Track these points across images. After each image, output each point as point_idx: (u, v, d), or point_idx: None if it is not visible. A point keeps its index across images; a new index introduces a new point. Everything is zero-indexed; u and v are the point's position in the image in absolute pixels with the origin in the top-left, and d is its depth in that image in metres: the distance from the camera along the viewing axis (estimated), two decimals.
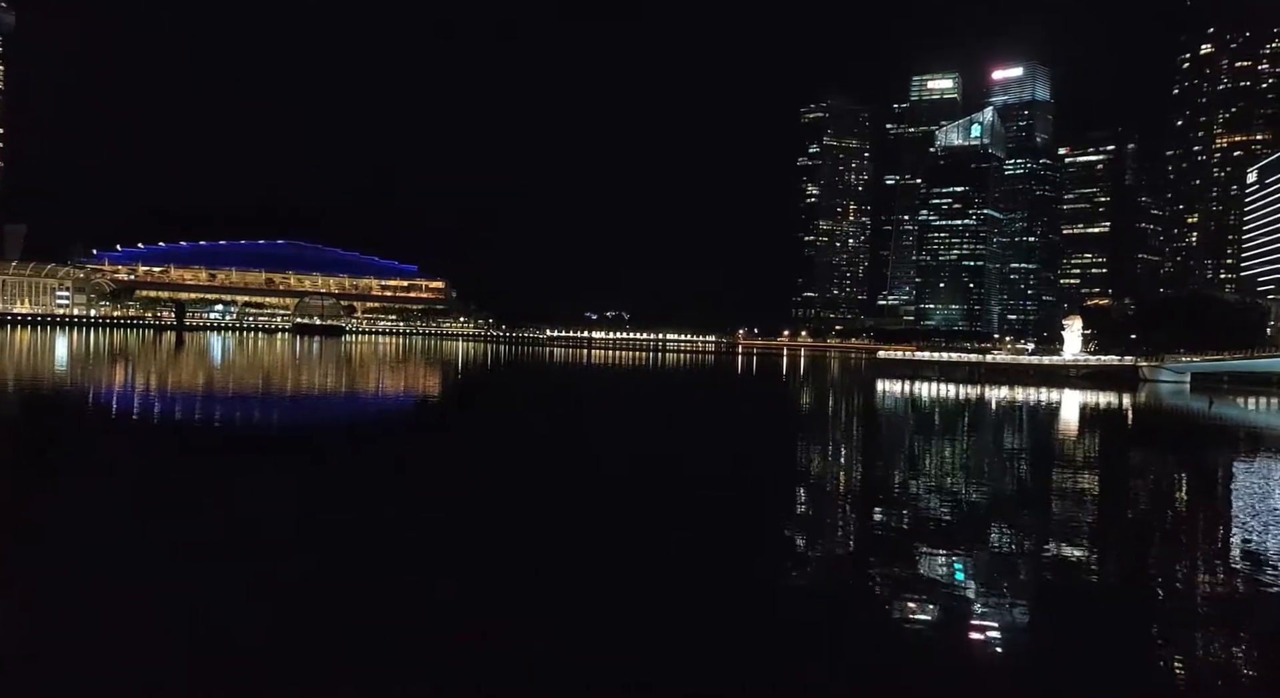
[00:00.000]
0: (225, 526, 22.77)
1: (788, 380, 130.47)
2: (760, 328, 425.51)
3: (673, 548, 22.37)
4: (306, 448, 38.58)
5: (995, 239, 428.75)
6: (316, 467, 33.65)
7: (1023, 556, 23.68)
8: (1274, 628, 18.05)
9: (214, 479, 29.70)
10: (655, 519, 25.83)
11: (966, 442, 54.14)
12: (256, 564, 19.20)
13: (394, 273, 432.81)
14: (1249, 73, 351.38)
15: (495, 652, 14.92)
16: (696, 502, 28.80)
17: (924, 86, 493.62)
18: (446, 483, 30.87)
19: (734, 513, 27.53)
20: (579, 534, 23.65)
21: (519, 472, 34.05)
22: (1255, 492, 36.00)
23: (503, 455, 38.70)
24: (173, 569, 18.82)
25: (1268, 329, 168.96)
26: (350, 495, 27.74)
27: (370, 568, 19.59)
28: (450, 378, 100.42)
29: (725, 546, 23.10)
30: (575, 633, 16.00)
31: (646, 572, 20.15)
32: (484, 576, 19.37)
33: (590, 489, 30.57)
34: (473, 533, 23.42)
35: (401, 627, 15.82)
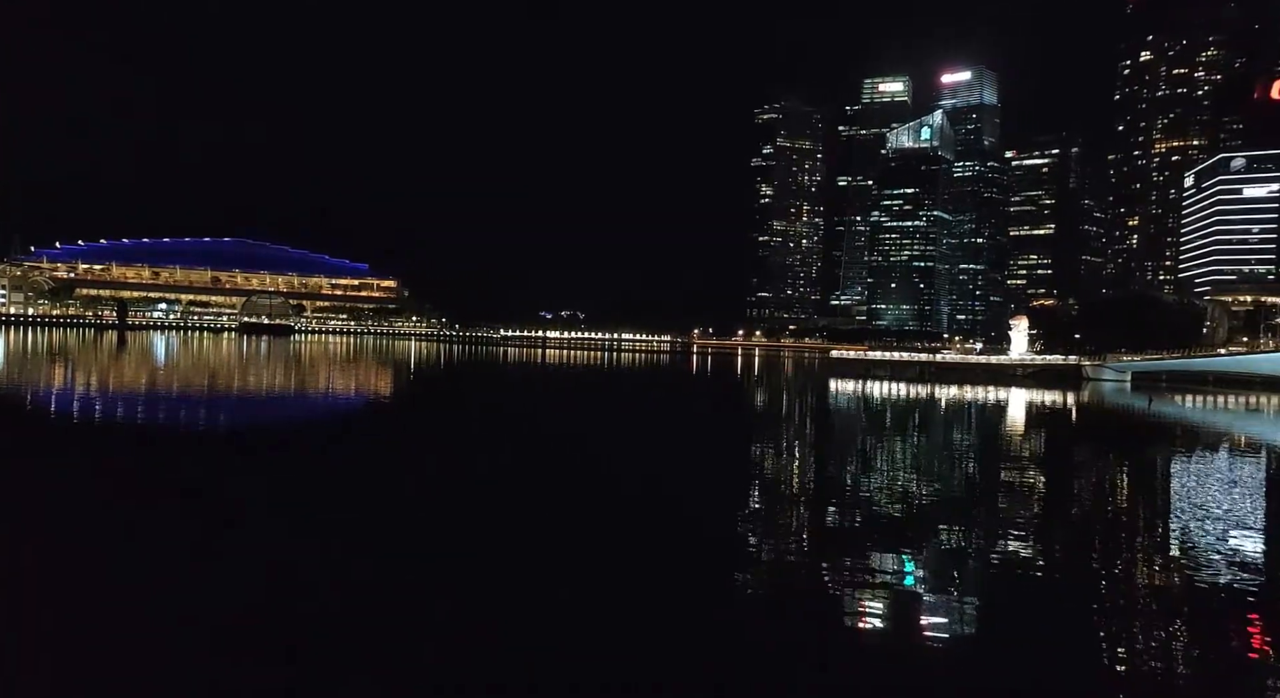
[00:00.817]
0: (120, 530, 22.17)
1: (742, 380, 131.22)
2: (715, 328, 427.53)
3: (617, 548, 22.27)
4: (237, 449, 37.74)
5: (945, 240, 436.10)
6: (244, 470, 32.91)
7: (970, 549, 24.05)
8: (1206, 616, 18.56)
9: (133, 481, 28.91)
10: (604, 523, 25.70)
11: (916, 440, 54.89)
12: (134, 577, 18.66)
13: (345, 272, 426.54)
14: (1186, 80, 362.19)
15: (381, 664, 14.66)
16: (643, 501, 28.74)
17: (875, 89, 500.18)
18: (375, 487, 30.39)
19: (684, 512, 27.53)
20: (520, 537, 23.43)
21: (451, 474, 33.66)
22: (1191, 487, 37.04)
23: (437, 458, 38.24)
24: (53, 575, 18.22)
25: (1204, 329, 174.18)
26: (279, 500, 27.16)
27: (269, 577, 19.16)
28: (399, 378, 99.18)
29: (673, 545, 23.07)
30: (519, 637, 15.82)
31: (592, 571, 20.03)
32: (372, 582, 19.06)
33: (534, 491, 30.34)
34: (375, 539, 23.07)
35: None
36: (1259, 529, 28.62)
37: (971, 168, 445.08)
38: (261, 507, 25.74)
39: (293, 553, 20.79)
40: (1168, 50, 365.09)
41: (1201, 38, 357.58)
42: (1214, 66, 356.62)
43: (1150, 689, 14.82)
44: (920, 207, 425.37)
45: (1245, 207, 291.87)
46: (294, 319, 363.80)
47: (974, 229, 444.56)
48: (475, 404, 70.45)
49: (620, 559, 21.28)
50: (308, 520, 24.18)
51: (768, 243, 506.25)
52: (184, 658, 14.39)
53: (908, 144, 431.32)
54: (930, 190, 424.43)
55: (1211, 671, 15.86)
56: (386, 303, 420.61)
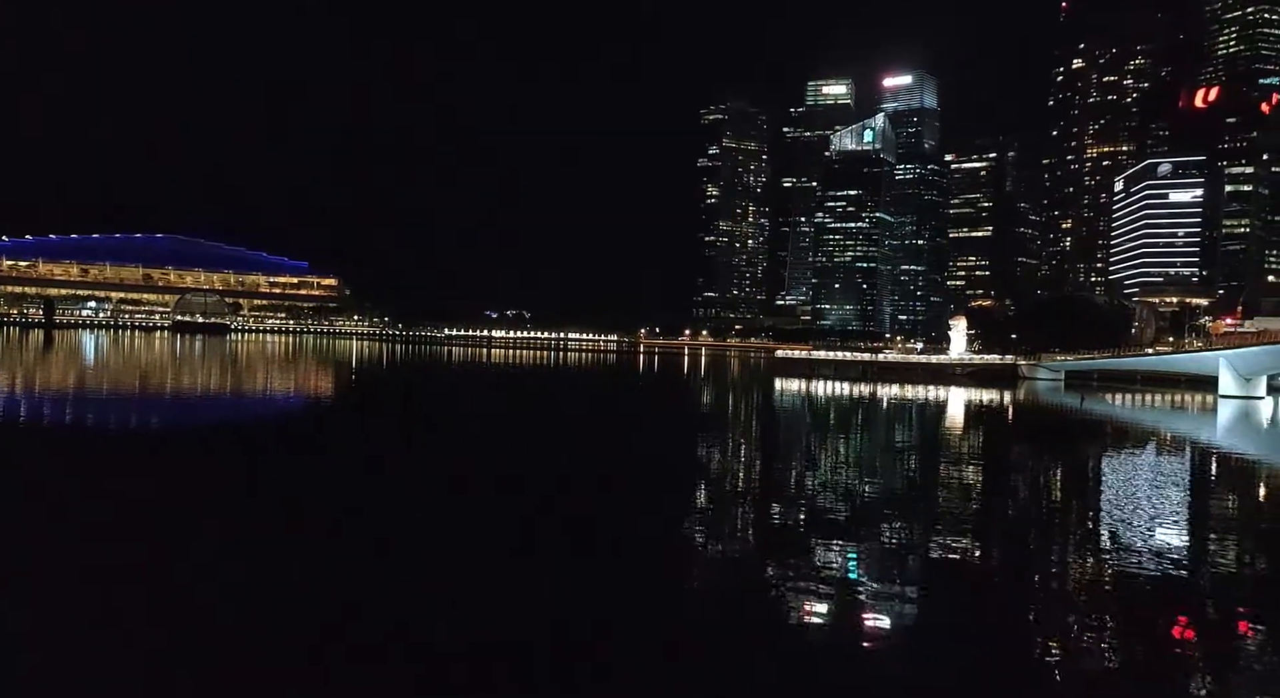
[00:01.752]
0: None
1: (689, 380, 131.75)
2: (662, 327, 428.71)
3: (557, 549, 22.10)
4: (154, 451, 36.61)
5: (887, 242, 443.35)
6: (157, 474, 31.94)
7: (908, 543, 24.42)
8: (1134, 606, 19.09)
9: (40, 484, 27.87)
10: (544, 523, 25.50)
11: (859, 438, 55.64)
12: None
13: (283, 269, 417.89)
14: (1115, 87, 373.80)
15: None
16: (586, 500, 28.60)
17: (819, 92, 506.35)
18: (299, 490, 29.75)
19: (628, 510, 27.45)
20: (455, 539, 23.10)
21: (378, 479, 33.10)
22: (1120, 482, 38.17)
23: (365, 461, 37.58)
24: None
25: (1132, 330, 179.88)
26: (200, 505, 26.40)
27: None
28: (337, 379, 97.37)
29: (615, 544, 22.98)
30: (454, 642, 15.57)
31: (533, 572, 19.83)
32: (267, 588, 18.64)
33: (474, 492, 29.97)
34: (284, 543, 22.58)
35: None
36: (1182, 522, 29.64)
37: (913, 170, 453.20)
38: (152, 513, 24.94)
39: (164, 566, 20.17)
40: (1098, 58, 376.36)
41: (1130, 47, 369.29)
42: (1142, 75, 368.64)
43: (1081, 675, 15.17)
44: (863, 208, 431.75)
45: (1171, 211, 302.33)
46: (230, 318, 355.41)
47: (915, 231, 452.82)
48: (414, 404, 69.44)
49: (561, 559, 21.10)
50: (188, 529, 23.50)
51: (714, 243, 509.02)
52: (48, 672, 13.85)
53: (851, 146, 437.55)
54: (873, 192, 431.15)
55: (1137, 657, 16.30)
56: (327, 301, 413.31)
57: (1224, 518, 31.98)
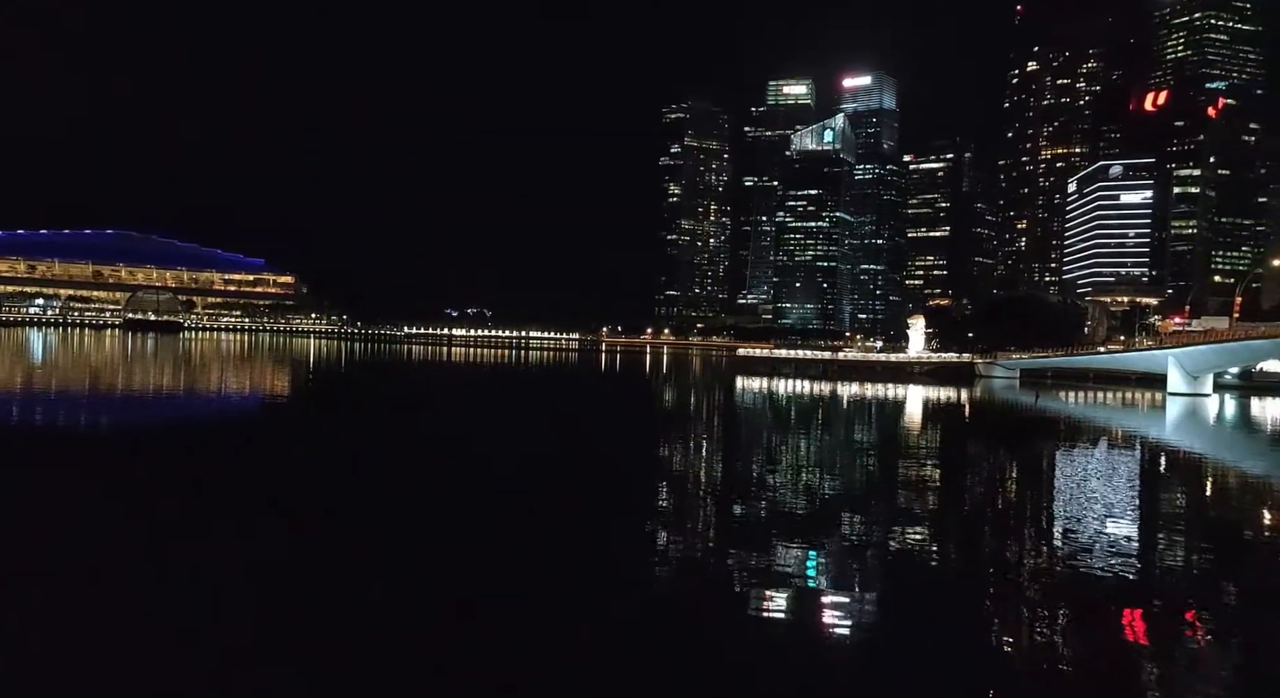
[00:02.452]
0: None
1: (652, 378, 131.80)
2: (624, 326, 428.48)
3: (518, 545, 21.87)
4: (84, 454, 35.66)
5: (847, 241, 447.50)
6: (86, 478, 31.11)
7: (867, 539, 24.56)
8: (1089, 600, 19.38)
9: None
10: (506, 519, 25.25)
11: (820, 436, 56.01)
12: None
13: (238, 266, 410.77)
14: (1068, 90, 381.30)
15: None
16: (548, 497, 28.38)
17: (780, 91, 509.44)
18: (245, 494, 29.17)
19: (590, 508, 27.29)
20: (417, 538, 22.76)
21: (333, 479, 32.59)
22: (1072, 478, 38.83)
23: (321, 463, 36.98)
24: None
25: (1085, 328, 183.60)
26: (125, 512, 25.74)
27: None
28: (293, 377, 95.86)
29: (576, 541, 22.81)
30: (409, 644, 15.31)
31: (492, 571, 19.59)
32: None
33: (437, 489, 29.58)
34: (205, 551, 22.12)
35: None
36: (1133, 516, 30.23)
37: (872, 170, 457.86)
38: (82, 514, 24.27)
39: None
40: (1052, 61, 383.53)
41: (1082, 50, 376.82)
42: (1094, 78, 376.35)
43: (1036, 668, 15.35)
44: (823, 207, 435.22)
45: (1122, 212, 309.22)
46: (183, 316, 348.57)
47: (874, 230, 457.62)
48: (373, 404, 68.53)
49: (522, 556, 20.88)
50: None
51: (676, 242, 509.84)
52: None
53: (811, 146, 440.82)
54: (833, 192, 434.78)
55: (1091, 649, 16.52)
56: (284, 299, 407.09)
57: (1172, 513, 32.69)
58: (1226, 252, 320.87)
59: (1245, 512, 33.73)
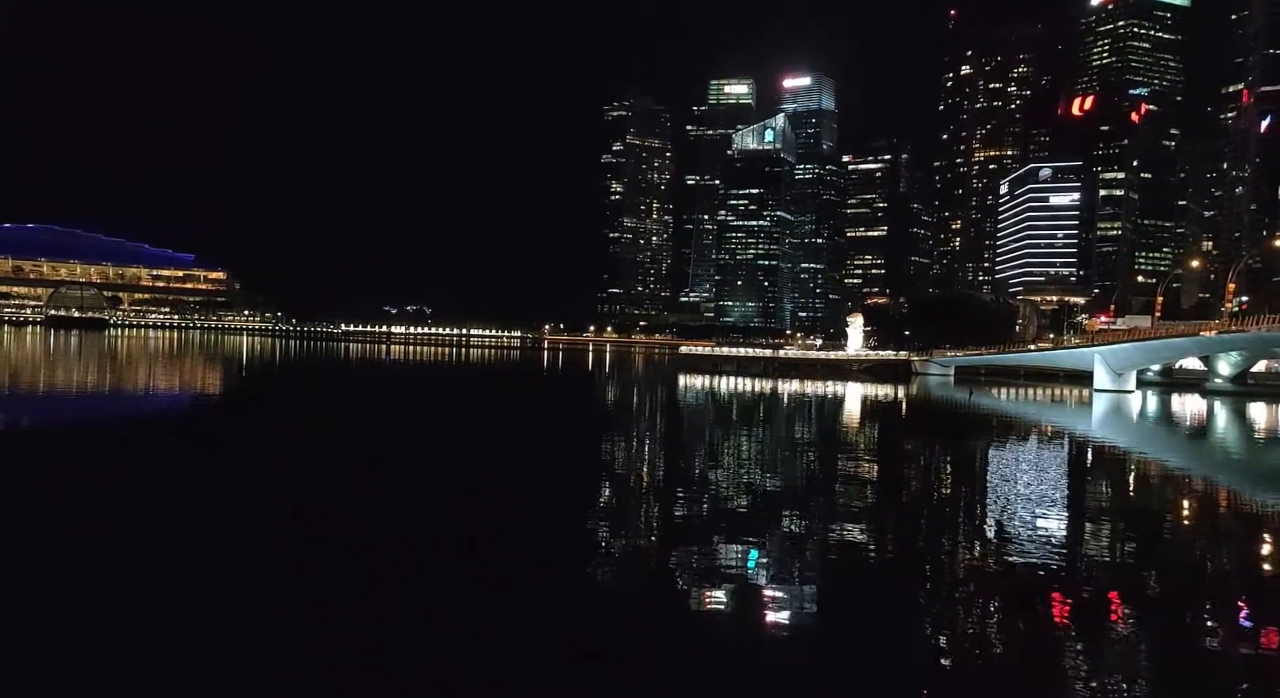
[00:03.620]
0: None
1: (594, 375, 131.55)
2: (566, 323, 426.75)
3: (457, 546, 21.60)
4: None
5: (788, 240, 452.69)
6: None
7: (807, 534, 24.85)
8: (1019, 587, 19.91)
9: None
10: (446, 518, 24.91)
11: (761, 433, 56.51)
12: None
13: (167, 262, 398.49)
14: (1000, 94, 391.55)
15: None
16: (489, 495, 28.11)
17: (721, 91, 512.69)
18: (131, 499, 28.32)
19: (531, 507, 27.10)
20: (347, 540, 22.34)
21: (247, 483, 31.83)
22: (1004, 472, 39.86)
23: (231, 467, 36.08)
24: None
25: (1016, 327, 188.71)
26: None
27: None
28: (212, 376, 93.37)
29: (515, 540, 22.62)
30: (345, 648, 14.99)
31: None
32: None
33: (369, 489, 29.07)
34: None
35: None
36: (1062, 508, 31.20)
37: (812, 170, 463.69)
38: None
39: None
40: (984, 65, 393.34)
41: (1013, 55, 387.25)
42: (1024, 82, 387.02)
43: (969, 654, 15.67)
44: (765, 207, 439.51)
45: (1051, 213, 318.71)
46: (109, 312, 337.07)
47: (814, 229, 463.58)
48: (304, 403, 67.09)
49: (461, 556, 20.61)
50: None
51: (618, 240, 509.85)
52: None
53: (752, 145, 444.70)
54: (774, 191, 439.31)
55: (1024, 638, 16.96)
56: (215, 296, 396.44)
57: (1098, 505, 33.79)
58: (1149, 252, 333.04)
59: (1166, 503, 35.12)
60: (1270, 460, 52.21)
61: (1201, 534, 29.38)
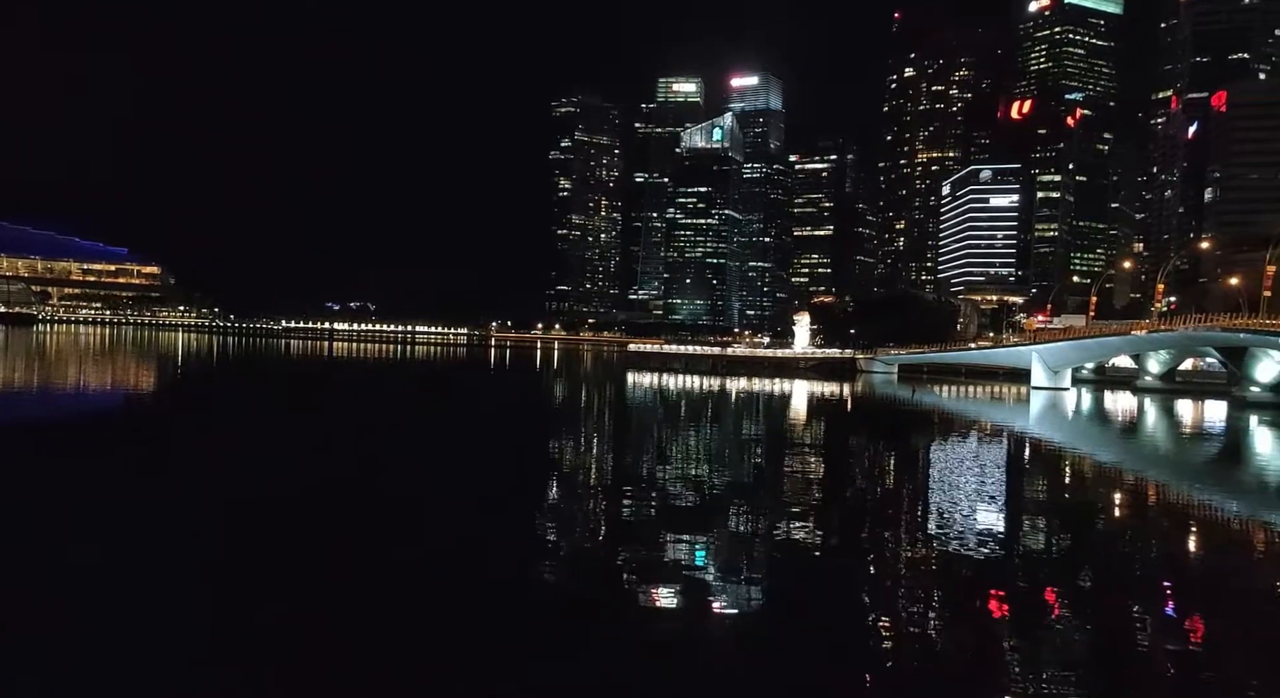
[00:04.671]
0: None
1: (542, 373, 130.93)
2: (513, 321, 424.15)
3: (403, 544, 21.32)
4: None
5: (735, 238, 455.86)
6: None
7: (755, 530, 25.05)
8: (958, 582, 20.35)
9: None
10: (390, 519, 24.56)
11: (710, 430, 56.80)
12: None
13: (99, 256, 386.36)
14: (942, 96, 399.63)
15: None
16: (435, 494, 27.80)
17: (669, 89, 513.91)
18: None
19: (477, 505, 26.87)
20: (283, 541, 21.90)
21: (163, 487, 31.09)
22: (946, 466, 40.69)
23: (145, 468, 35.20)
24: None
25: (958, 325, 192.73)
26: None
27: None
28: (149, 372, 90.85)
29: (460, 539, 22.41)
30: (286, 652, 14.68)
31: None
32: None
33: (304, 487, 28.54)
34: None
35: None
36: (1000, 502, 32.00)
37: (759, 170, 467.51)
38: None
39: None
40: (927, 68, 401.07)
41: (954, 59, 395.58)
42: (965, 86, 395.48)
43: (913, 648, 15.99)
44: (713, 205, 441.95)
45: (991, 214, 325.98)
46: (38, 308, 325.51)
47: (762, 228, 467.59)
48: (235, 402, 65.60)
49: (408, 555, 20.34)
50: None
51: (566, 237, 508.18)
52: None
53: (700, 144, 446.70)
54: (722, 190, 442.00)
55: (961, 627, 17.34)
56: (149, 291, 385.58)
57: (1034, 498, 34.75)
58: (1084, 253, 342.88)
59: (1098, 497, 36.26)
60: (1195, 456, 54.16)
61: (1131, 526, 30.36)
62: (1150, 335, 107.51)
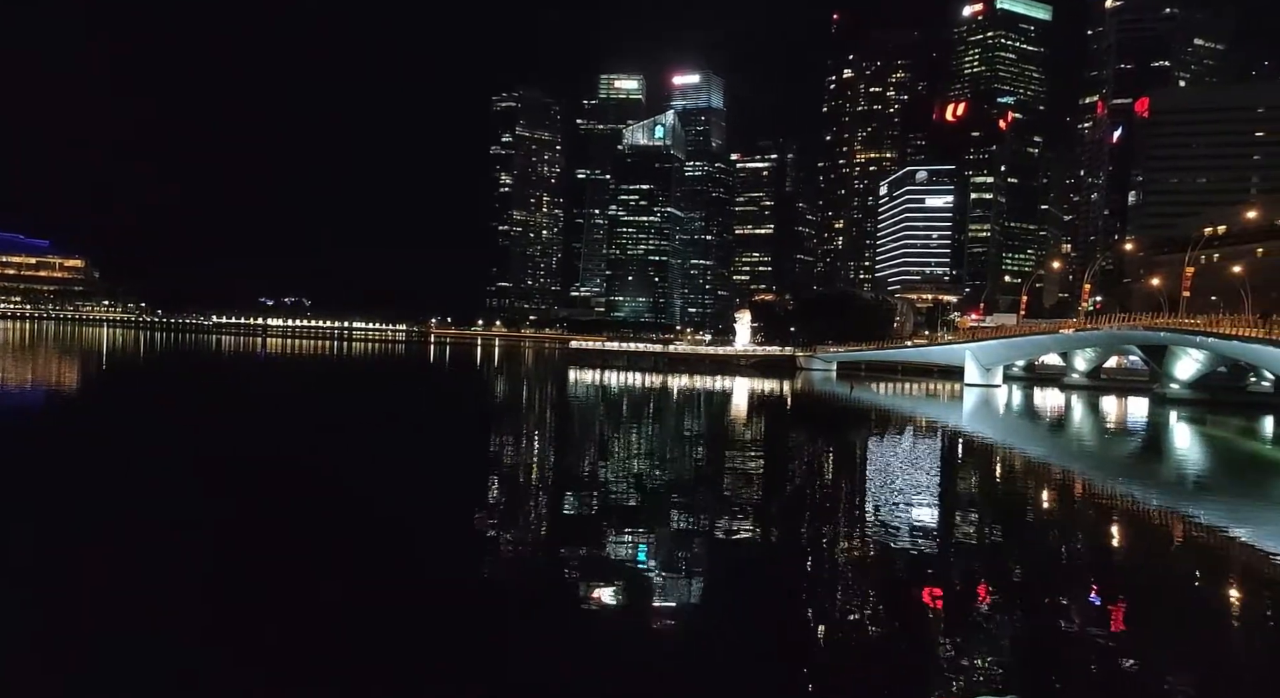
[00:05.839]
0: None
1: (482, 370, 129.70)
2: (454, 317, 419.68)
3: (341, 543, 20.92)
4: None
5: (677, 236, 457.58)
6: None
7: (695, 526, 25.15)
8: (892, 574, 20.74)
9: None
10: (322, 518, 24.06)
11: (651, 427, 56.91)
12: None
13: (18, 248, 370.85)
14: (880, 98, 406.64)
15: None
16: (372, 493, 27.33)
17: (611, 85, 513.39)
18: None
19: (414, 505, 26.50)
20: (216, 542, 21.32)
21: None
22: (882, 462, 41.44)
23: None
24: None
25: (895, 323, 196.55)
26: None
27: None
28: (70, 369, 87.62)
29: (403, 538, 22.09)
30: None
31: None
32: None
33: (229, 487, 27.82)
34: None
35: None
36: (934, 497, 32.75)
37: (701, 168, 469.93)
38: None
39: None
40: (865, 70, 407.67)
41: (891, 61, 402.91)
42: (902, 87, 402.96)
43: (846, 637, 16.22)
44: (655, 202, 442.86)
45: (927, 215, 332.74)
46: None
47: (703, 226, 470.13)
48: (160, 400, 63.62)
49: (346, 553, 19.95)
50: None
51: (508, 233, 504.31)
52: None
53: (642, 141, 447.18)
54: (664, 187, 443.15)
55: (894, 618, 17.68)
56: (72, 285, 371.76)
57: (967, 492, 35.65)
58: (1015, 253, 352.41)
59: (1027, 490, 37.39)
60: (1118, 451, 56.11)
61: (1059, 518, 31.32)
62: (1077, 334, 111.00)
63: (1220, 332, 73.81)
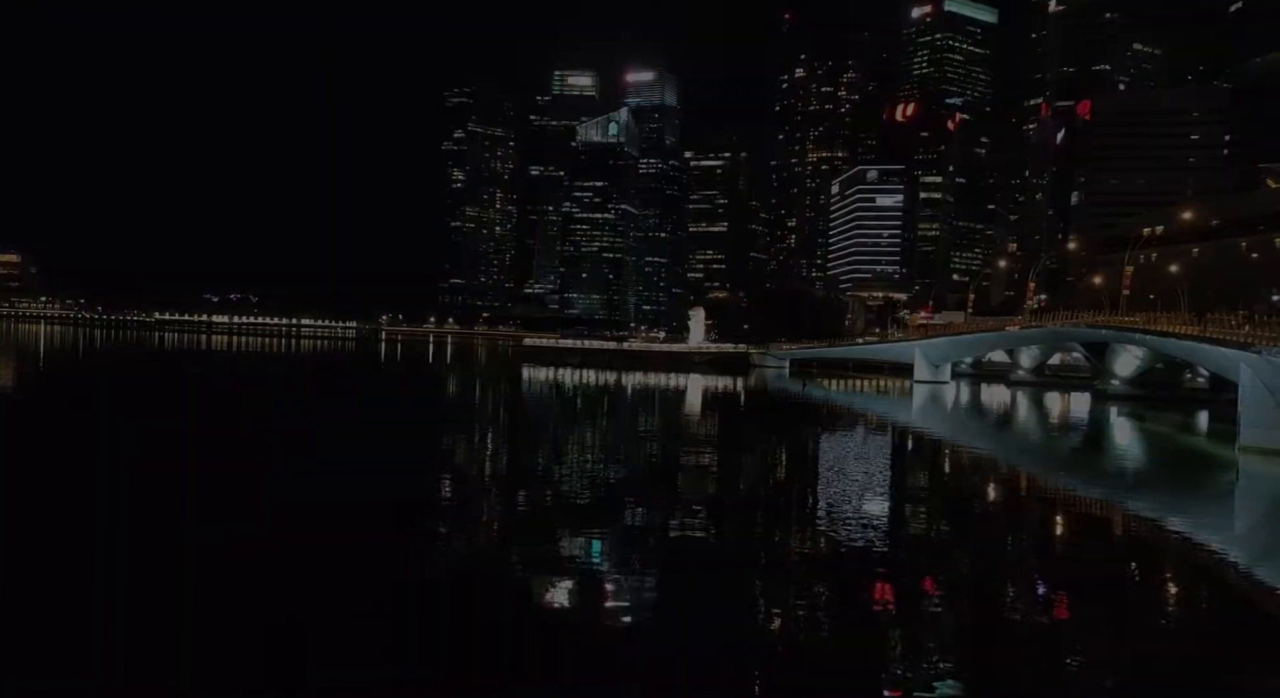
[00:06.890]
0: None
1: (435, 368, 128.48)
2: (406, 314, 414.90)
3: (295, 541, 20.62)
4: None
5: (632, 233, 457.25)
6: None
7: (650, 523, 25.26)
8: (845, 567, 21.04)
9: None
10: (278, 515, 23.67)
11: (606, 424, 56.92)
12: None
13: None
14: (831, 97, 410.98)
15: None
16: (325, 490, 26.95)
17: (565, 82, 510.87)
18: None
19: (371, 502, 26.18)
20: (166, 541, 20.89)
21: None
22: (834, 457, 41.98)
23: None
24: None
25: (846, 321, 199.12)
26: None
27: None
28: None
29: (360, 537, 21.85)
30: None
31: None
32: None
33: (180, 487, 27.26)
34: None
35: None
36: (885, 492, 33.28)
37: (655, 165, 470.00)
38: None
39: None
40: (816, 69, 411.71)
41: (842, 61, 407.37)
42: (853, 87, 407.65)
43: (798, 630, 16.43)
44: (609, 200, 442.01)
45: (878, 214, 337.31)
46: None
47: (658, 224, 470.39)
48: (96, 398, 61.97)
49: (299, 552, 19.67)
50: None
51: (460, 229, 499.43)
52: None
53: (596, 138, 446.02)
54: (618, 185, 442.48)
55: (848, 611, 17.95)
56: (8, 281, 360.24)
57: (916, 486, 36.32)
58: (963, 252, 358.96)
59: (974, 484, 38.17)
60: (1061, 446, 57.56)
61: (1004, 511, 32.08)
62: (1022, 331, 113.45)
63: (1158, 329, 75.92)
